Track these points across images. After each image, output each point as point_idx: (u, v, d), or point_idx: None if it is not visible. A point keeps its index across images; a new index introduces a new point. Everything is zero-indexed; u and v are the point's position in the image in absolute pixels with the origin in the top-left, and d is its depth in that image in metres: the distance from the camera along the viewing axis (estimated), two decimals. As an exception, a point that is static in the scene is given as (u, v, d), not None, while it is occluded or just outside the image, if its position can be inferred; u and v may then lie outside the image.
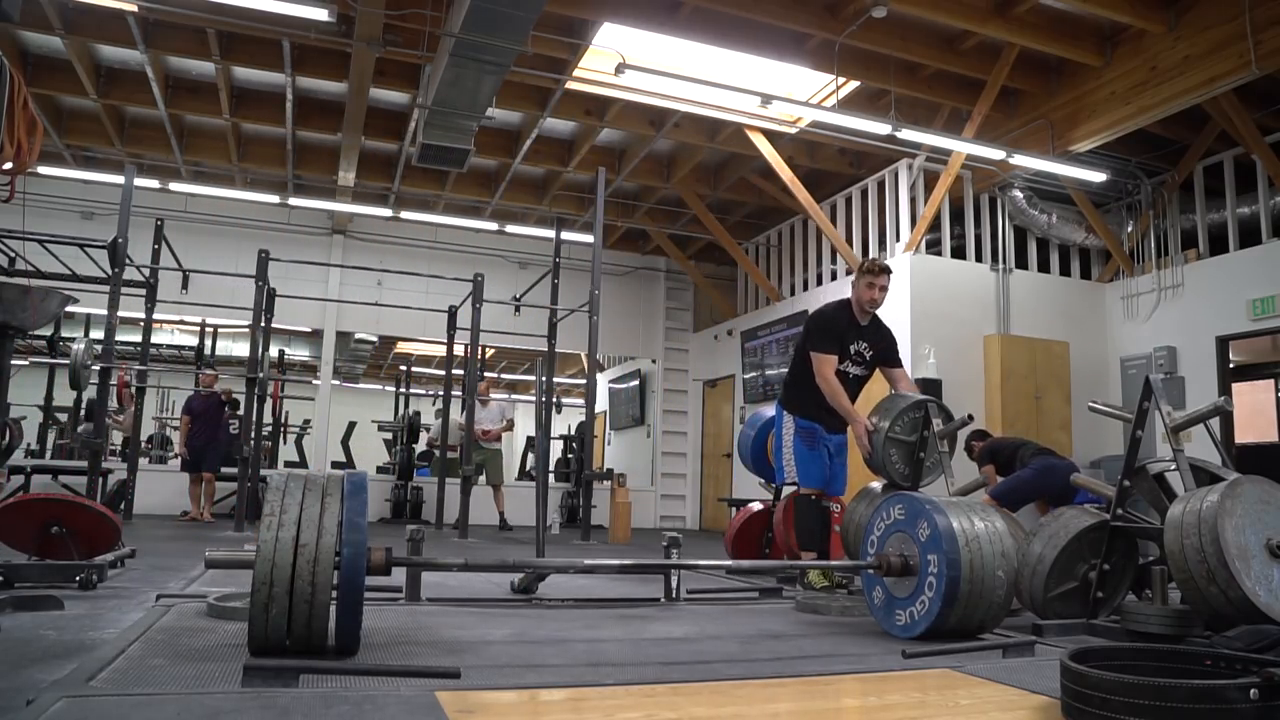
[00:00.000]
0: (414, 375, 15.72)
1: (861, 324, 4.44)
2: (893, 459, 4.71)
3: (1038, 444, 5.93)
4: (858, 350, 4.42)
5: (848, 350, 4.39)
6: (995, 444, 6.08)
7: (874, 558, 2.92)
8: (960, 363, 8.51)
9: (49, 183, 9.65)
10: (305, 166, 10.38)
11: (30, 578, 3.36)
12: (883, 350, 4.51)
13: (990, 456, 5.98)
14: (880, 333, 4.53)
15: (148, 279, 8.21)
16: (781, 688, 2.22)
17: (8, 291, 3.00)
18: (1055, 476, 5.32)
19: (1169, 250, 8.92)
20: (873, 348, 4.46)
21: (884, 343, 4.51)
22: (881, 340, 4.51)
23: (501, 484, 9.53)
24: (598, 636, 2.80)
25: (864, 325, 4.45)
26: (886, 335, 4.57)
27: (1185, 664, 1.89)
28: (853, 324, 4.44)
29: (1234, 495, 2.75)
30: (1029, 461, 5.59)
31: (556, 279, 8.58)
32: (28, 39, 8.17)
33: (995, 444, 6.08)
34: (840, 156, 9.88)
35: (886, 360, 4.53)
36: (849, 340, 4.39)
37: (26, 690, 1.81)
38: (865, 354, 4.43)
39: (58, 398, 11.83)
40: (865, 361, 4.45)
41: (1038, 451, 5.70)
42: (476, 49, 6.13)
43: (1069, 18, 7.05)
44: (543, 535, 4.62)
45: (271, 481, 2.24)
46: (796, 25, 7.01)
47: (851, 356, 4.43)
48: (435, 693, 1.86)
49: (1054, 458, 5.64)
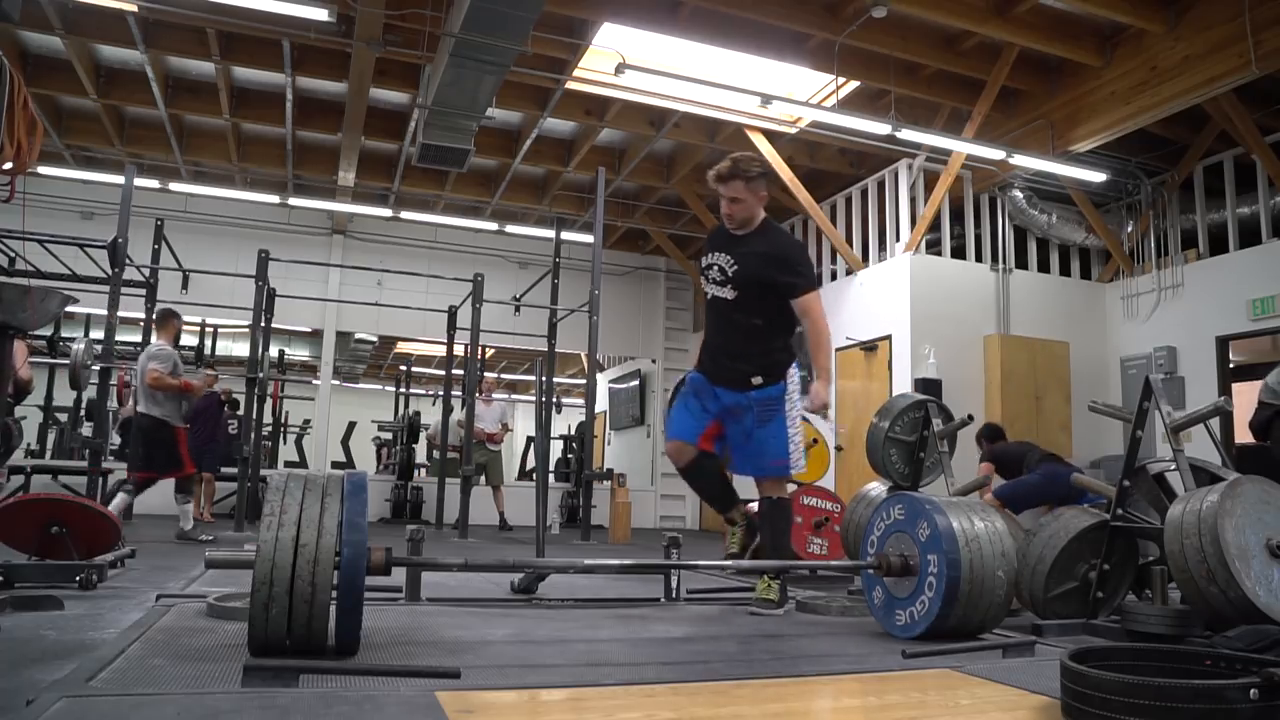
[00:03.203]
0: (414, 375, 15.72)
1: (734, 234, 3.48)
2: (893, 459, 4.72)
3: (1043, 450, 5.91)
4: (717, 265, 3.45)
5: (710, 267, 3.49)
6: (1000, 450, 6.06)
7: (874, 558, 2.92)
8: (960, 363, 8.51)
9: (49, 183, 9.65)
10: (305, 166, 10.38)
11: (30, 578, 3.36)
12: (757, 269, 3.39)
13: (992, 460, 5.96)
14: (763, 250, 3.42)
15: (148, 279, 8.21)
16: (781, 688, 2.22)
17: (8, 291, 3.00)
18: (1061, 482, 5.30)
19: (1169, 250, 8.93)
20: (738, 262, 3.40)
21: (762, 260, 3.39)
22: (758, 256, 3.40)
23: (501, 484, 9.54)
24: (598, 636, 2.80)
25: (738, 236, 3.47)
26: (773, 254, 3.41)
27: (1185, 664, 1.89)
28: (722, 234, 3.53)
29: (1234, 495, 2.75)
30: (1036, 466, 5.57)
31: (556, 279, 8.58)
32: (28, 39, 8.17)
33: (1000, 450, 6.06)
34: (840, 156, 9.88)
35: (768, 283, 3.39)
36: (710, 252, 3.50)
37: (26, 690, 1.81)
38: (727, 269, 3.41)
39: (58, 398, 11.82)
40: (727, 280, 3.42)
41: (1044, 458, 5.68)
42: (476, 49, 6.13)
43: (1069, 18, 7.05)
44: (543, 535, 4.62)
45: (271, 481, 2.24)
46: (796, 25, 7.02)
47: (708, 274, 3.50)
48: (435, 693, 1.86)
49: (1061, 465, 5.61)
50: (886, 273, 8.96)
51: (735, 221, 3.45)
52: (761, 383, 3.40)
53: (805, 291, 3.40)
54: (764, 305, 3.41)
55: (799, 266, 3.44)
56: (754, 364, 3.43)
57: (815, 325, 3.40)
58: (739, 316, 3.44)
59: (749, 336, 3.43)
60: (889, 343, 8.74)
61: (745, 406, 3.42)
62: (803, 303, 3.39)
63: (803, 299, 3.40)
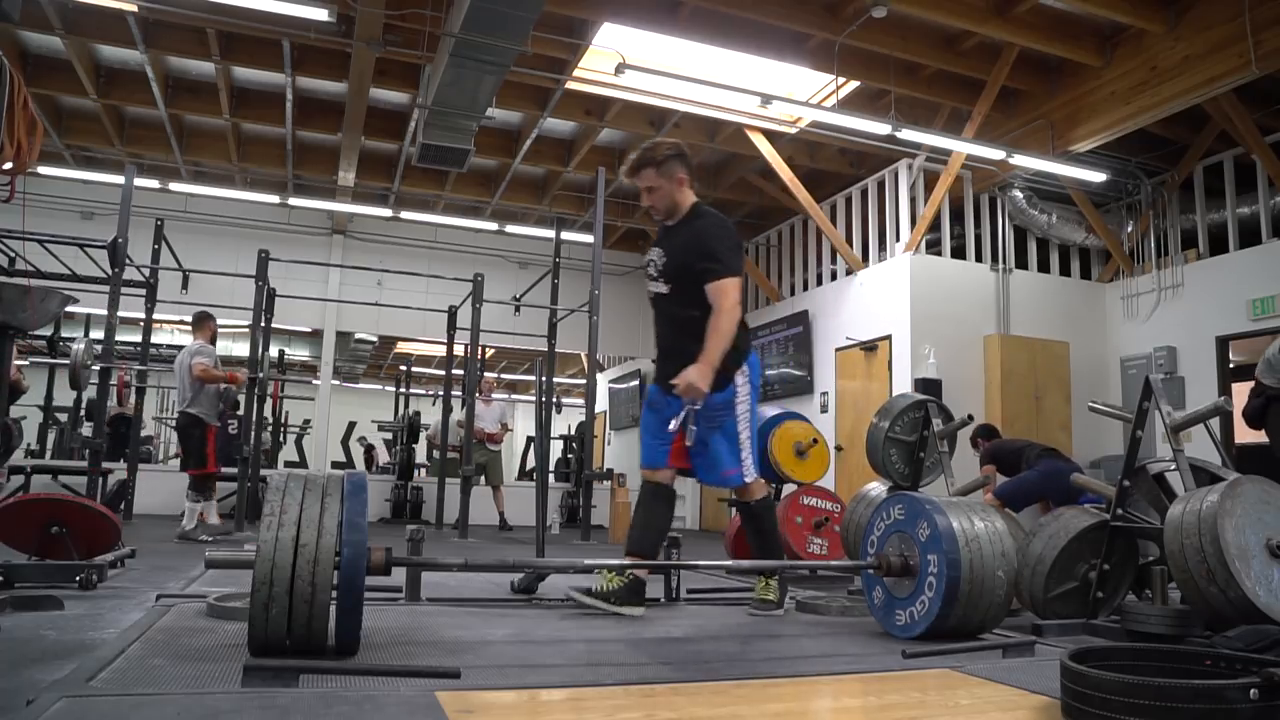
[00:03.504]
0: (414, 375, 15.71)
1: (667, 225, 3.37)
2: (893, 459, 4.72)
3: (1041, 445, 5.91)
4: (653, 260, 3.36)
5: (649, 264, 3.39)
6: (997, 447, 6.06)
7: (874, 558, 2.92)
8: (960, 363, 8.52)
9: (49, 183, 9.66)
10: (305, 166, 10.38)
11: (30, 578, 3.36)
12: (681, 258, 3.24)
13: (991, 459, 5.96)
14: (686, 238, 3.26)
15: (148, 279, 8.21)
16: (781, 688, 2.22)
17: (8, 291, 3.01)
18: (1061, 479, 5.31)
19: (1169, 250, 8.93)
20: (668, 255, 3.30)
21: (684, 247, 3.25)
22: (682, 245, 3.26)
23: (501, 484, 9.54)
24: (598, 636, 2.80)
25: (669, 227, 3.36)
26: (694, 241, 3.23)
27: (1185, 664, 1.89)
28: (660, 228, 3.43)
29: (1234, 495, 2.75)
30: (1035, 463, 5.57)
31: (556, 279, 8.58)
32: (28, 39, 8.18)
33: (997, 447, 6.06)
34: (840, 156, 9.88)
35: (693, 272, 3.19)
36: (651, 249, 3.40)
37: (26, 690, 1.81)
38: (659, 262, 3.32)
39: (58, 398, 11.82)
40: (660, 273, 3.31)
41: (1042, 453, 5.68)
42: (476, 49, 6.13)
43: (1069, 18, 7.06)
44: (543, 535, 4.62)
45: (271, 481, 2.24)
46: (796, 25, 7.02)
47: (649, 271, 3.40)
48: (435, 693, 1.86)
49: (1060, 460, 5.61)
50: (886, 273, 8.96)
51: (660, 211, 3.32)
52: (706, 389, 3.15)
53: (720, 277, 3.13)
54: (698, 296, 3.17)
55: (717, 251, 3.17)
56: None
57: (719, 312, 3.10)
58: (675, 310, 3.28)
59: (687, 331, 3.18)
60: (889, 343, 8.74)
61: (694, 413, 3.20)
62: (715, 288, 3.12)
63: (716, 284, 3.12)
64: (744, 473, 3.31)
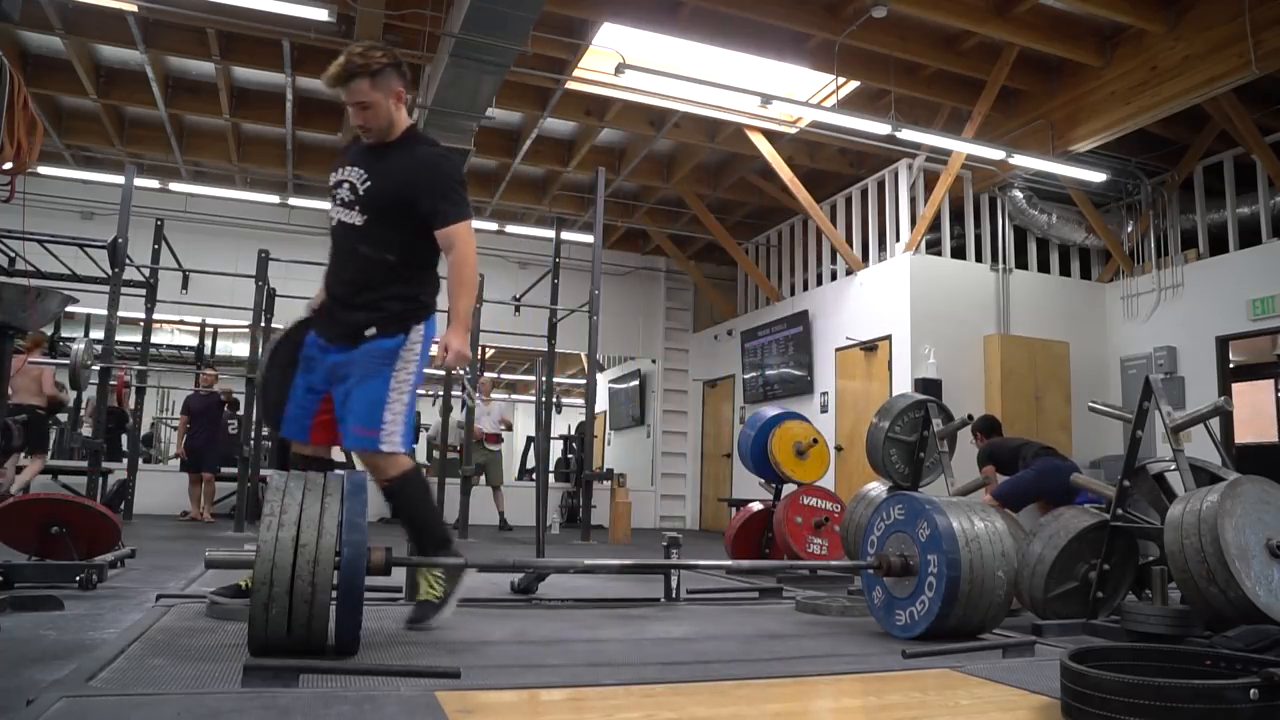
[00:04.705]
0: (414, 375, 15.66)
1: (373, 146, 2.84)
2: (893, 459, 4.73)
3: (1039, 444, 5.91)
4: (348, 181, 2.80)
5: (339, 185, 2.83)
6: (995, 446, 6.05)
7: (874, 558, 2.92)
8: (960, 363, 8.52)
9: (49, 183, 9.65)
10: (305, 166, 10.38)
11: (30, 578, 3.36)
12: (396, 188, 2.75)
13: (989, 458, 5.96)
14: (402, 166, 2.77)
15: (148, 279, 8.21)
16: (781, 688, 2.22)
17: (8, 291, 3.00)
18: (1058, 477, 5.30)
19: (1169, 250, 8.93)
20: (372, 179, 2.76)
21: (402, 183, 2.75)
22: (399, 173, 2.76)
23: (501, 484, 9.54)
24: (598, 636, 2.80)
25: (377, 148, 2.83)
26: (418, 174, 2.76)
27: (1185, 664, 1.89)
28: (359, 148, 2.88)
29: (1234, 495, 2.75)
30: (1031, 462, 5.57)
31: (556, 279, 8.57)
32: (28, 39, 8.17)
33: (995, 446, 6.05)
34: (840, 156, 9.88)
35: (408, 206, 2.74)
36: (340, 168, 2.86)
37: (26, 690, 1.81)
38: (359, 185, 2.76)
39: (57, 398, 11.79)
40: (356, 199, 2.77)
41: (1040, 451, 5.67)
42: (476, 49, 6.13)
43: (1069, 18, 7.05)
44: (543, 535, 4.62)
45: (271, 481, 2.24)
46: (796, 25, 7.02)
47: (336, 194, 2.84)
48: (435, 693, 1.86)
49: (1056, 458, 5.61)
50: (886, 273, 8.96)
51: (374, 133, 2.80)
52: (375, 334, 2.73)
53: (456, 220, 2.75)
54: (401, 236, 2.77)
55: (449, 190, 2.77)
56: (373, 313, 2.75)
57: (459, 259, 2.75)
58: (366, 248, 2.77)
59: (374, 275, 2.76)
60: (889, 343, 8.74)
61: (351, 363, 2.75)
62: (449, 233, 2.74)
63: (450, 229, 2.74)
64: (382, 438, 2.74)
